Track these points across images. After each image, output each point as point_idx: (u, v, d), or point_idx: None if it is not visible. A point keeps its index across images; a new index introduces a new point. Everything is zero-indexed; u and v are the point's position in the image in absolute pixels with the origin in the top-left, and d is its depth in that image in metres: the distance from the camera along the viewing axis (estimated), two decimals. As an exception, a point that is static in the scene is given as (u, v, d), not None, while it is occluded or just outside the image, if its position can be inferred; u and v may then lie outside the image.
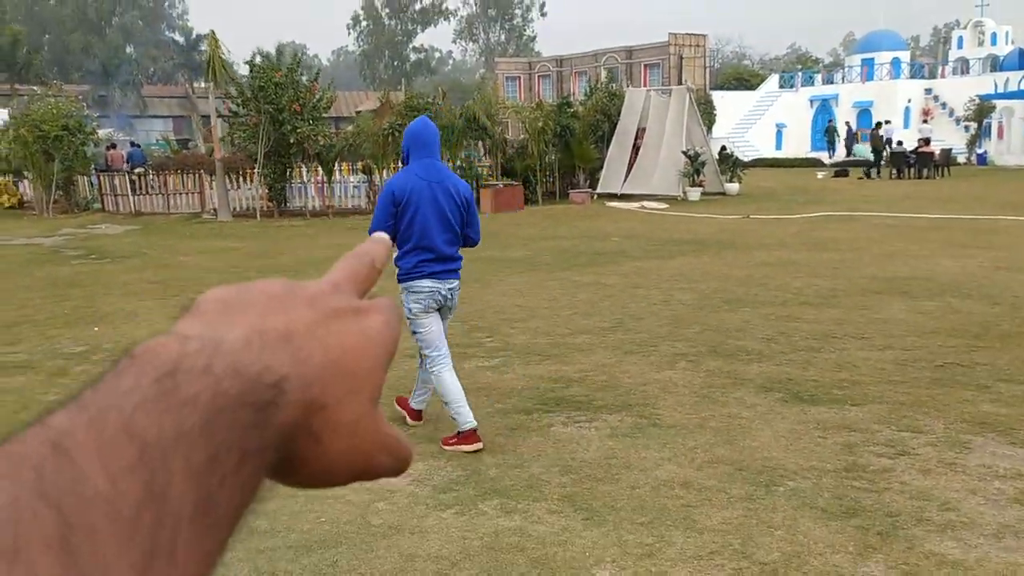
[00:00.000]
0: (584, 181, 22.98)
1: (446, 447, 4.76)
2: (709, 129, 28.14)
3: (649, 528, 3.69)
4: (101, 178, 22.97)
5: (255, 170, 20.05)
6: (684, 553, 3.47)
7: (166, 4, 75.70)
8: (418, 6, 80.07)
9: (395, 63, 79.38)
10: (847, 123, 39.30)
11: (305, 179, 20.67)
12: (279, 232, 17.11)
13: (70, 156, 21.85)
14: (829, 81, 45.25)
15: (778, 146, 42.53)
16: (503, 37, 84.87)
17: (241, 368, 0.30)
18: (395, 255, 4.69)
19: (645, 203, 20.20)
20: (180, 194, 21.90)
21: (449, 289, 4.79)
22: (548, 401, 5.55)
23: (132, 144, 30.03)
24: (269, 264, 12.32)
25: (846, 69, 45.62)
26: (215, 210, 20.50)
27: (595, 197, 21.65)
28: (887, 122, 35.38)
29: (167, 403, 0.28)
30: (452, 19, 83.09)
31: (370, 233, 4.64)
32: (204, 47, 53.91)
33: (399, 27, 79.86)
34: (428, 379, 4.96)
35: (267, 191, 20.23)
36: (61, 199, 22.56)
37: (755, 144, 41.25)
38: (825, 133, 38.96)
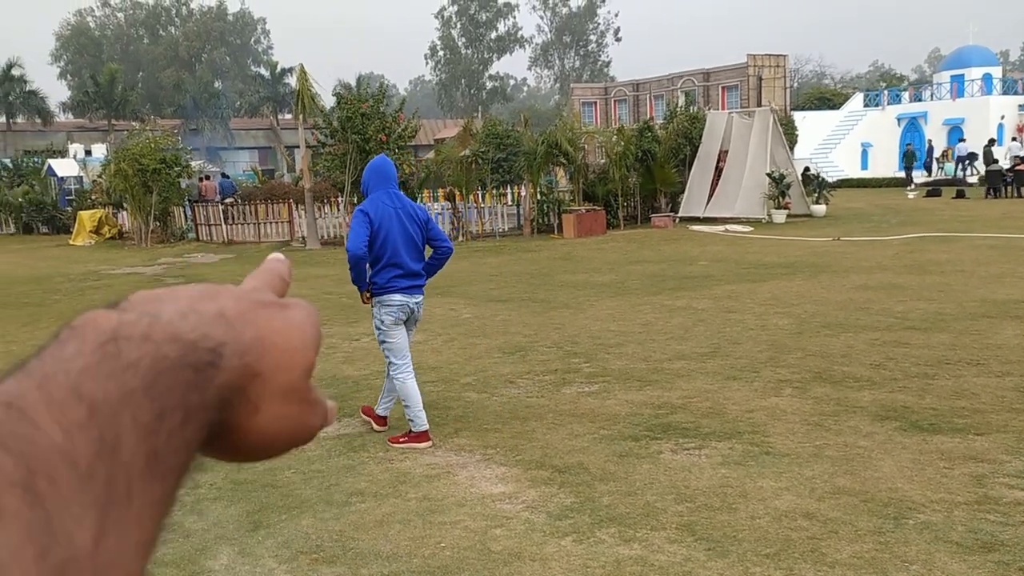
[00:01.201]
0: (666, 205, 22.82)
1: (395, 444, 5.40)
2: (791, 150, 27.67)
3: (776, 560, 3.60)
4: (195, 208, 23.82)
5: (340, 198, 20.52)
6: (815, 586, 3.38)
7: (252, 40, 78.53)
8: (494, 35, 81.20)
9: (471, 91, 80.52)
10: (929, 141, 38.13)
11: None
12: (366, 259, 17.43)
13: (167, 188, 22.74)
14: (917, 99, 44.02)
15: (864, 166, 41.54)
16: (578, 63, 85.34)
17: (179, 335, 0.32)
18: (370, 273, 5.43)
19: (729, 226, 19.93)
20: (269, 223, 22.54)
21: (415, 302, 5.47)
22: (654, 428, 5.49)
23: (223, 175, 31.10)
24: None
25: (935, 86, 44.35)
26: (303, 238, 21.02)
27: (677, 221, 21.46)
28: (962, 140, 34.31)
29: (111, 367, 0.30)
30: (527, 47, 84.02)
31: (352, 248, 5.23)
32: (288, 80, 55.68)
33: (475, 56, 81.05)
34: (393, 388, 5.52)
35: (353, 219, 20.65)
36: (158, 229, 23.46)
37: (839, 164, 40.37)
38: (903, 157, 37.10)
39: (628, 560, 3.68)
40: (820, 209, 22.01)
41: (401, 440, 5.43)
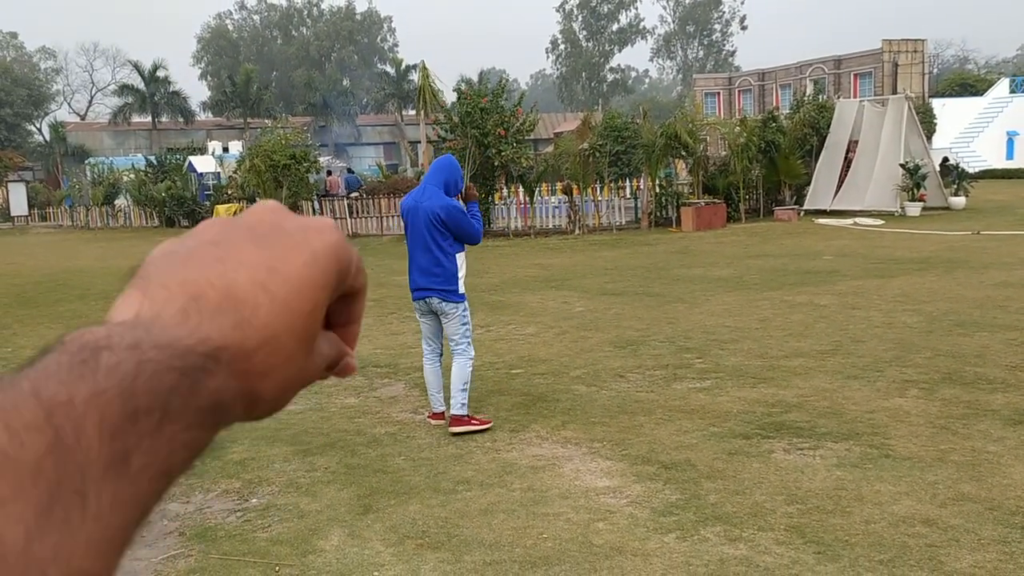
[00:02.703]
0: (790, 198, 22.08)
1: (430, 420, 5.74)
2: (928, 139, 26.23)
3: (890, 567, 3.45)
4: (322, 202, 24.69)
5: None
6: (932, 597, 3.22)
7: (379, 39, 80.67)
8: (615, 27, 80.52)
9: (592, 84, 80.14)
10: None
11: (507, 200, 21.23)
12: (483, 252, 17.63)
13: (296, 183, 23.67)
14: (1070, 83, 40.97)
15: (1009, 155, 38.96)
16: (701, 53, 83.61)
17: (174, 342, 0.31)
18: None
19: (858, 219, 19.12)
20: (392, 216, 23.11)
21: (427, 301, 5.47)
22: (766, 426, 5.34)
23: (348, 171, 32.10)
24: (475, 283, 12.71)
25: (1091, 69, 41.11)
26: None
27: (802, 214, 20.75)
28: None
29: (82, 371, 0.29)
30: (649, 38, 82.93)
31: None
32: (413, 77, 56.90)
33: (596, 49, 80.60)
34: (457, 376, 5.50)
35: (472, 212, 20.94)
36: (288, 222, 24.44)
37: (982, 154, 38.06)
38: None
39: (733, 560, 3.60)
40: (959, 202, 20.83)
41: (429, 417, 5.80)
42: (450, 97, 21.71)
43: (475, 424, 5.50)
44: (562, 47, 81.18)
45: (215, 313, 0.33)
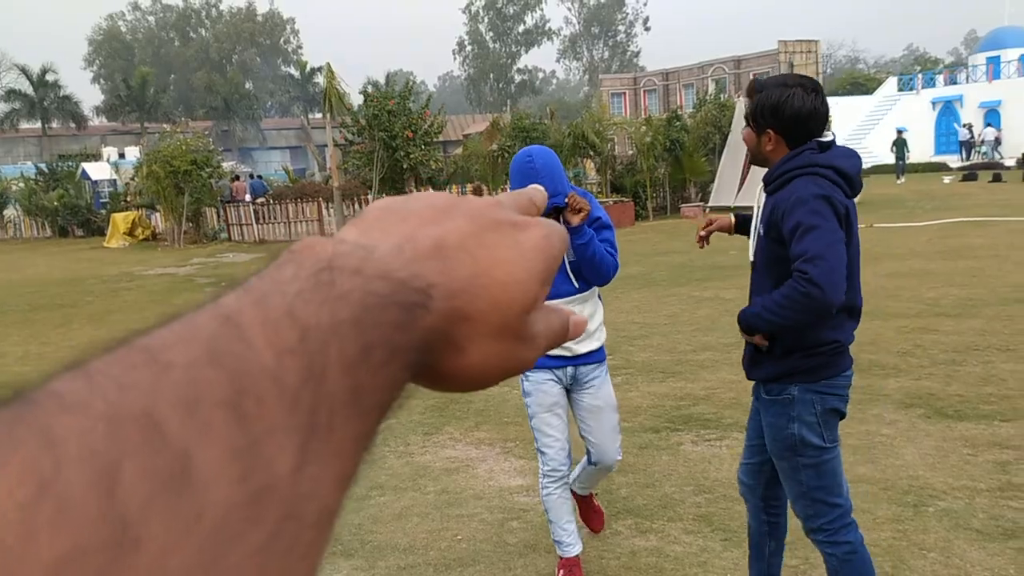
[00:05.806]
0: (696, 195, 22.66)
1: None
2: (824, 137, 27.19)
3: (792, 550, 3.56)
4: (227, 209, 24.10)
5: (369, 196, 20.67)
6: None
7: (282, 40, 79.19)
8: (521, 28, 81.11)
9: (500, 85, 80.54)
10: (967, 125, 37.35)
11: (418, 203, 21.16)
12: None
13: (198, 189, 23.01)
14: (952, 82, 43.22)
15: (898, 151, 40.83)
16: (607, 54, 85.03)
17: (390, 272, 0.31)
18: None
19: (759, 215, 19.75)
20: (300, 221, 22.74)
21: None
22: (675, 419, 5.46)
23: (251, 176, 31.42)
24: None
25: (970, 69, 43.51)
26: (334, 236, 21.20)
27: (707, 211, 21.31)
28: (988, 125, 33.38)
29: (324, 295, 0.29)
30: (555, 39, 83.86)
31: None
32: (318, 79, 56.11)
33: (503, 50, 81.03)
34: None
35: (382, 216, 20.78)
36: (191, 230, 23.77)
37: (873, 150, 39.77)
38: (892, 146, 31.66)
39: (643, 551, 3.67)
40: (852, 196, 21.73)
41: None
42: (357, 100, 21.49)
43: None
44: (469, 48, 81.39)
45: (425, 256, 0.33)
